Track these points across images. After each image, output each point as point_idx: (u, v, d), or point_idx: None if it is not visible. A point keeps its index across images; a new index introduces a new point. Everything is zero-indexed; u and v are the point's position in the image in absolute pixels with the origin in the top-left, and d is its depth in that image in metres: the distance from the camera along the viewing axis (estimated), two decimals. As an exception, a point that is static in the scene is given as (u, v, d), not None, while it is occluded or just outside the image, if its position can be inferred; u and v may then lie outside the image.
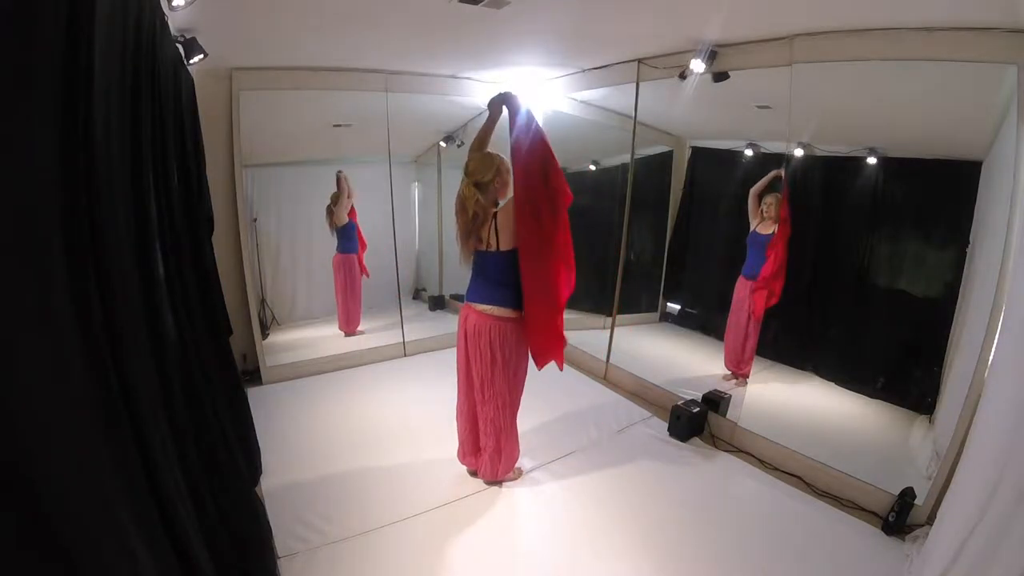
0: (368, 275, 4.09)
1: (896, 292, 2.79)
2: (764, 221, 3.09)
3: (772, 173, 3.01)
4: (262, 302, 3.75)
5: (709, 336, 3.70)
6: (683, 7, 2.19)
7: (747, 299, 3.13)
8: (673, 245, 3.88)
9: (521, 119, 2.00)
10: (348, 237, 3.94)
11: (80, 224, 0.87)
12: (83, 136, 0.89)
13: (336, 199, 3.87)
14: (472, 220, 2.06)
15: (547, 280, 2.04)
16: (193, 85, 2.41)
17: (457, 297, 4.65)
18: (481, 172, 2.06)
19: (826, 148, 2.80)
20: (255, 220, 3.56)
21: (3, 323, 0.69)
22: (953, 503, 1.64)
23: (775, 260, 2.91)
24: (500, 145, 2.17)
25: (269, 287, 3.84)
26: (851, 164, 2.79)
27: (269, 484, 2.33)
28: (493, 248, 2.07)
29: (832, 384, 2.98)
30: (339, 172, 3.86)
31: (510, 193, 2.07)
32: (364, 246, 4.08)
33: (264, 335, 3.63)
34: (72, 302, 0.83)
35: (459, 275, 2.32)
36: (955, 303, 2.33)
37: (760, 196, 3.12)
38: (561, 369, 2.30)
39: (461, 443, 2.40)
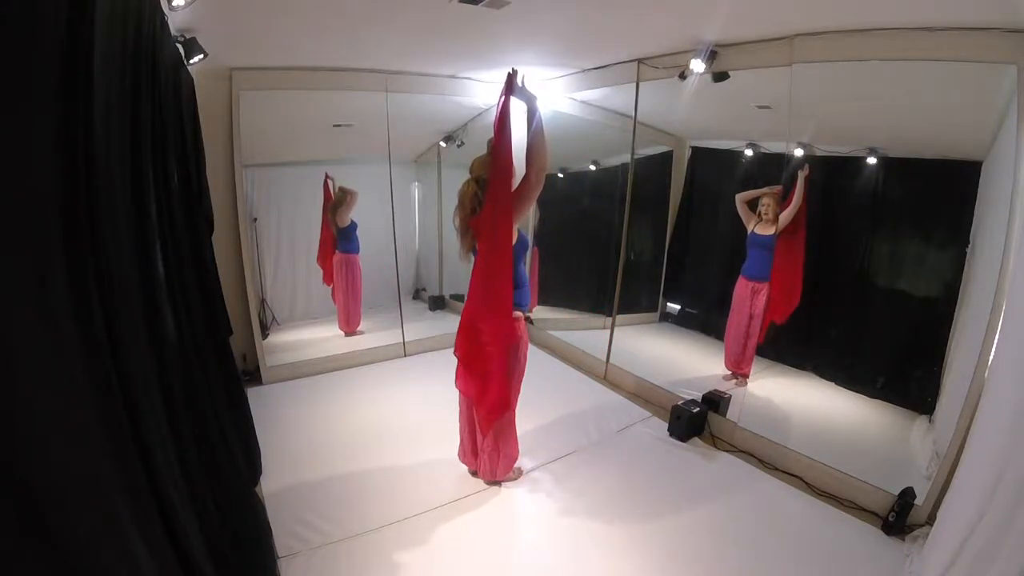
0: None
1: (896, 292, 2.79)
2: (763, 223, 3.09)
3: (763, 190, 3.05)
4: (262, 302, 3.74)
5: (709, 336, 3.69)
6: (683, 7, 2.19)
7: (748, 299, 3.13)
8: (673, 245, 3.88)
9: (536, 122, 1.99)
10: (348, 238, 3.94)
11: (80, 225, 0.87)
12: (83, 137, 0.89)
13: (336, 205, 3.87)
14: (471, 215, 2.07)
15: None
16: (193, 85, 2.41)
17: (457, 297, 4.64)
18: (482, 169, 2.07)
19: (826, 148, 2.79)
20: (255, 220, 3.56)
21: (3, 323, 0.69)
22: (953, 503, 1.64)
23: (793, 267, 2.85)
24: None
25: (269, 287, 3.84)
26: (851, 164, 2.78)
27: (269, 484, 2.33)
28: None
29: (832, 384, 2.97)
30: (327, 179, 3.85)
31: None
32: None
33: (264, 335, 3.63)
34: (72, 302, 0.83)
35: (459, 275, 2.32)
36: (955, 303, 2.32)
37: (749, 202, 3.14)
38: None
39: (462, 442, 2.41)
